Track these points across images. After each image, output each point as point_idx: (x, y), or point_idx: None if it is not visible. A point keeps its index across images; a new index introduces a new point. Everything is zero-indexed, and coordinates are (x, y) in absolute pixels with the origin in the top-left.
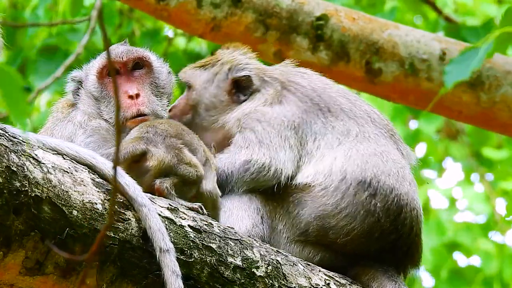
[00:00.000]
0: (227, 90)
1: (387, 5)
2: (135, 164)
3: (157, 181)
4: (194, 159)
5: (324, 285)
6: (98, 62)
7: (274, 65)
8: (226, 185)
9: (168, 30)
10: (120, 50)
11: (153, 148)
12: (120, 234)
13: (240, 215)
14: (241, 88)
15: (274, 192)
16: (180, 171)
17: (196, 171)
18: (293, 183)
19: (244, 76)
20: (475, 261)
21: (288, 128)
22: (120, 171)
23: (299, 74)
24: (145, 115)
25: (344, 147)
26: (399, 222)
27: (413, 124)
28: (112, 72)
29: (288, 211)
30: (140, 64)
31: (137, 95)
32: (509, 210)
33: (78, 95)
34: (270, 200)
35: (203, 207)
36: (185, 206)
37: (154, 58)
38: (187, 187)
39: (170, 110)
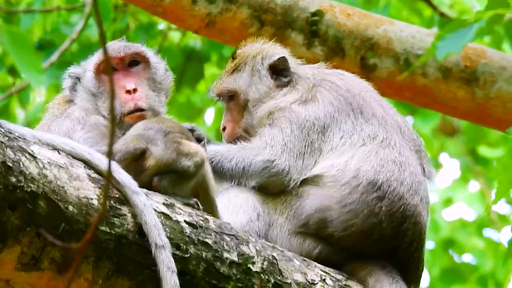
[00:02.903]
0: (269, 77)
1: (382, 1)
2: (135, 162)
3: (155, 178)
4: (194, 146)
5: (320, 281)
6: (96, 58)
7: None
8: (239, 175)
9: (161, 24)
10: (117, 46)
11: (153, 147)
12: (116, 229)
13: (235, 211)
14: (279, 72)
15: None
16: (179, 167)
17: (196, 161)
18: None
19: (279, 58)
20: (470, 258)
21: (316, 131)
22: (116, 167)
23: (335, 74)
24: (143, 110)
25: (365, 148)
26: (400, 231)
27: (409, 120)
28: (108, 64)
29: (290, 203)
30: (137, 59)
31: (135, 90)
32: (498, 193)
33: (75, 91)
34: (270, 194)
35: (199, 202)
36: (181, 202)
37: (151, 54)
38: (185, 181)
39: (223, 130)
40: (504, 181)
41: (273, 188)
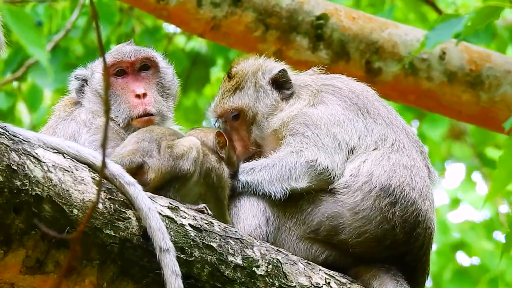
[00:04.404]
0: (274, 91)
1: (387, 5)
2: (134, 176)
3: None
4: (186, 142)
5: (324, 284)
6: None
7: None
8: (287, 177)
9: (169, 26)
10: (128, 50)
11: (149, 160)
12: (120, 233)
13: (245, 215)
14: (281, 85)
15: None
16: (179, 173)
17: (193, 157)
18: None
19: (279, 71)
20: (479, 261)
21: (334, 125)
22: (122, 170)
23: (334, 78)
24: (151, 114)
25: (378, 152)
26: (412, 236)
27: (415, 124)
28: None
29: (302, 208)
30: (147, 64)
31: (144, 95)
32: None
33: (82, 93)
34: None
35: (207, 208)
36: (191, 209)
37: (160, 59)
38: (187, 182)
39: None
40: (499, 177)
41: (319, 187)
